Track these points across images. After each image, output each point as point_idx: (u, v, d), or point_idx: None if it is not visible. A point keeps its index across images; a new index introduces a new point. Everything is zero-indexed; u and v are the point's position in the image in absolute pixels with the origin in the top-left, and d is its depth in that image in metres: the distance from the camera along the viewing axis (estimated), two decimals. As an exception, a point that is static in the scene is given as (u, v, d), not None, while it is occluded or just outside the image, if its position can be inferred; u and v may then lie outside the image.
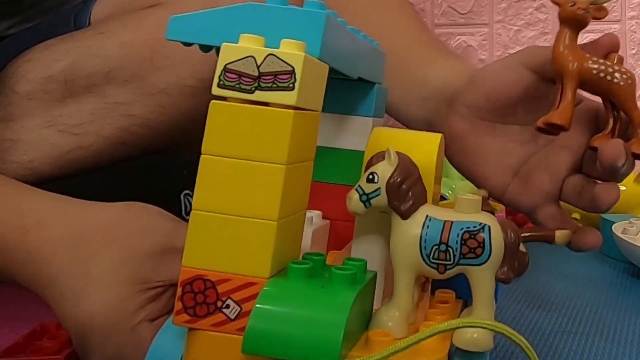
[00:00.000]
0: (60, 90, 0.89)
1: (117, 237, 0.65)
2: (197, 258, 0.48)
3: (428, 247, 0.50)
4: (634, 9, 1.52)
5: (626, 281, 1.04)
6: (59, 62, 0.89)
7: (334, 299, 0.46)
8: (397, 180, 0.51)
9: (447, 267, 0.51)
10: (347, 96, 0.68)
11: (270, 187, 0.47)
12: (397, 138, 0.62)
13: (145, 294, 0.63)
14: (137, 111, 0.90)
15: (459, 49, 1.67)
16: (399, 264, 0.51)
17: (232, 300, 0.47)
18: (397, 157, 0.52)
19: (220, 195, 0.47)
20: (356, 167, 0.55)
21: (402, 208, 0.51)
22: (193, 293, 0.47)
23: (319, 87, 0.52)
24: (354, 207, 0.52)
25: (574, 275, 1.06)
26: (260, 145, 0.47)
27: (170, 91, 0.90)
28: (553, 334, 0.79)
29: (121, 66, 0.89)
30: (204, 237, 0.47)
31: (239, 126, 0.47)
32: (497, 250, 0.50)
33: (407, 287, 0.51)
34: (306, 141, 0.51)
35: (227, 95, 0.47)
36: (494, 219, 0.52)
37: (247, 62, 0.47)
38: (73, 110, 0.89)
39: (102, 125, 0.89)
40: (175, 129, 0.92)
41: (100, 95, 0.89)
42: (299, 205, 0.51)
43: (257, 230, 0.47)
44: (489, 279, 0.50)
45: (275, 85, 0.46)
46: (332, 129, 0.68)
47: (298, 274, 0.48)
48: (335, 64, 0.54)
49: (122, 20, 0.93)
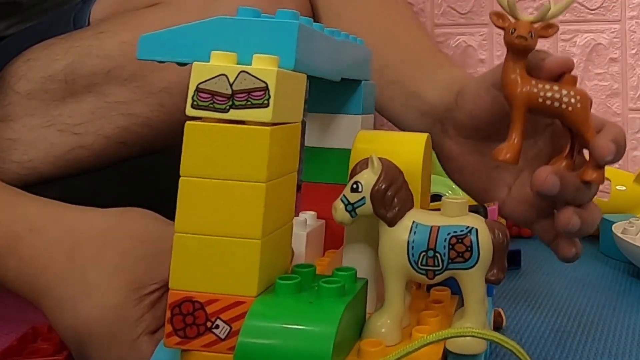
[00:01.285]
0: (61, 90, 0.89)
1: (112, 242, 0.65)
2: (184, 280, 0.48)
3: (416, 253, 0.51)
4: (634, 9, 1.52)
5: (626, 281, 1.03)
6: (59, 61, 0.90)
7: (323, 313, 0.47)
8: (382, 187, 0.52)
9: (436, 273, 0.51)
10: (334, 95, 0.69)
11: (251, 205, 0.47)
12: (382, 140, 0.63)
13: (143, 302, 0.63)
14: (137, 110, 0.90)
15: (459, 49, 1.67)
16: (389, 271, 0.52)
17: (221, 320, 0.47)
18: (380, 164, 0.53)
19: (202, 217, 0.48)
20: (347, 166, 0.56)
21: (389, 216, 0.52)
22: (182, 315, 0.48)
23: (297, 98, 0.52)
24: (340, 217, 0.53)
25: (574, 275, 1.05)
26: (238, 165, 0.47)
27: (171, 90, 0.90)
28: (552, 334, 0.79)
29: (121, 65, 0.90)
30: (189, 259, 0.48)
31: (215, 146, 0.48)
32: (486, 253, 0.51)
33: (397, 293, 0.52)
34: (287, 154, 0.51)
35: (201, 115, 0.48)
36: (482, 220, 0.52)
37: (220, 80, 0.47)
38: (73, 109, 0.89)
39: (103, 124, 0.90)
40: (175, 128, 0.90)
41: (100, 95, 0.90)
42: (284, 218, 0.52)
43: (242, 249, 0.47)
44: (478, 281, 0.51)
45: (249, 102, 0.47)
46: (321, 128, 0.69)
47: (286, 290, 0.48)
48: (314, 71, 0.55)
49: (122, 19, 0.94)
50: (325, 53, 0.59)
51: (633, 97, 1.53)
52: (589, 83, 1.55)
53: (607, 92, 1.55)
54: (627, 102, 1.54)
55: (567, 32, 1.56)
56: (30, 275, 0.66)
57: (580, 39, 1.56)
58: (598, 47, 1.54)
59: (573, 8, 1.56)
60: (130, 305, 0.62)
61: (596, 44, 1.54)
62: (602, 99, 1.55)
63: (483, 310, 0.52)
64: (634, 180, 1.31)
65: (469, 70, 1.65)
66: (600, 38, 1.54)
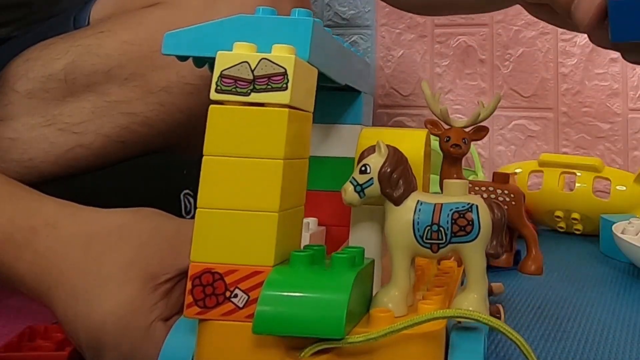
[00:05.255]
0: (61, 89, 0.93)
1: (127, 236, 0.69)
2: (204, 253, 0.54)
3: (421, 228, 0.57)
4: None
5: (626, 281, 1.06)
6: (59, 60, 0.94)
7: (337, 280, 0.53)
8: (388, 170, 0.58)
9: (440, 246, 0.57)
10: (334, 106, 0.75)
11: (270, 181, 0.54)
12: (385, 136, 0.68)
13: (157, 291, 0.67)
14: (137, 109, 0.94)
15: (459, 49, 1.73)
16: (395, 247, 0.58)
17: (239, 290, 0.54)
18: (386, 149, 0.59)
19: (223, 192, 0.54)
20: (348, 174, 0.60)
21: (395, 195, 0.58)
22: (202, 286, 0.54)
23: (310, 90, 0.59)
24: (350, 197, 0.59)
25: (574, 275, 1.09)
26: (258, 143, 0.54)
27: (170, 89, 0.94)
28: (553, 333, 0.82)
29: (121, 65, 0.93)
30: (210, 233, 0.54)
31: (237, 127, 0.54)
32: (486, 227, 0.57)
33: (404, 268, 0.58)
34: (301, 139, 0.58)
35: (224, 99, 0.54)
36: (481, 199, 0.59)
37: (242, 67, 0.54)
38: (73, 108, 0.93)
39: (103, 123, 0.93)
40: (175, 127, 0.96)
41: (100, 94, 0.93)
42: (297, 200, 0.58)
43: (260, 222, 0.54)
44: (480, 254, 0.57)
45: (269, 86, 0.54)
46: (321, 139, 0.75)
47: (301, 261, 0.55)
48: (324, 68, 0.61)
49: (122, 19, 0.98)
50: (334, 54, 0.66)
51: (633, 97, 1.57)
52: (589, 83, 1.60)
53: (608, 92, 1.59)
54: (627, 102, 1.58)
55: (567, 32, 1.60)
56: (44, 267, 0.70)
57: (580, 38, 1.61)
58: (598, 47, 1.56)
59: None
60: (145, 294, 0.67)
61: (596, 43, 1.58)
62: (602, 99, 1.59)
63: (484, 283, 0.58)
64: (634, 180, 1.37)
65: (469, 70, 1.70)
66: (600, 38, 1.58)
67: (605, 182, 1.43)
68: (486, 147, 1.69)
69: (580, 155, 1.61)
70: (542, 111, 1.65)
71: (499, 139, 1.68)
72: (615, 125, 1.59)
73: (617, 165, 1.59)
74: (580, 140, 1.62)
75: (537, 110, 1.65)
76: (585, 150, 1.62)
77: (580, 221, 1.39)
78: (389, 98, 1.79)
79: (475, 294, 0.58)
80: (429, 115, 1.57)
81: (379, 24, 1.81)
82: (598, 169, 1.40)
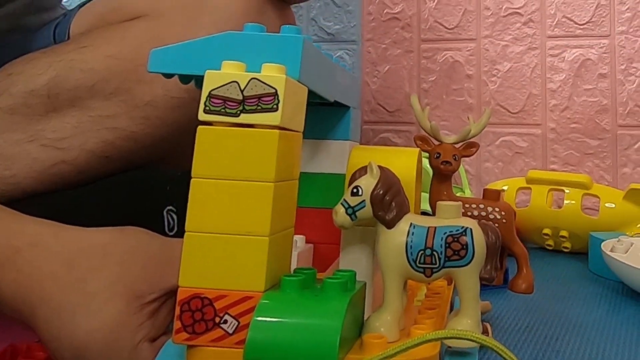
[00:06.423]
0: (44, 105, 0.93)
1: (112, 254, 0.69)
2: (193, 277, 0.54)
3: (414, 252, 0.57)
4: (623, 24, 1.58)
5: (615, 300, 1.06)
6: (41, 76, 0.93)
7: (329, 306, 0.53)
8: (380, 192, 0.58)
9: (434, 270, 0.58)
10: (322, 122, 0.75)
11: (260, 204, 0.54)
12: (377, 155, 0.68)
13: (142, 311, 0.67)
14: (122, 124, 0.94)
15: (446, 65, 1.72)
16: (388, 271, 0.58)
17: (229, 316, 0.53)
18: (379, 170, 0.59)
19: (212, 216, 0.54)
20: (336, 190, 0.62)
21: (387, 218, 0.58)
22: (191, 311, 0.54)
23: (300, 109, 0.59)
24: (341, 220, 0.59)
25: (562, 293, 1.09)
26: (248, 165, 0.54)
27: (156, 103, 0.94)
28: (542, 352, 0.82)
29: (106, 79, 0.93)
30: (198, 257, 0.54)
31: (226, 148, 0.54)
32: (480, 251, 0.57)
33: (397, 292, 0.58)
34: (291, 160, 0.58)
35: (213, 120, 0.54)
36: (475, 222, 0.59)
37: (231, 87, 0.54)
38: (57, 124, 0.93)
39: (87, 139, 0.93)
40: (160, 141, 0.96)
41: (84, 109, 0.93)
42: (287, 222, 0.58)
43: (250, 246, 0.54)
44: (474, 278, 0.57)
45: (259, 107, 0.54)
46: (310, 154, 0.75)
47: (292, 285, 0.55)
48: (314, 86, 0.61)
49: (105, 33, 0.98)
50: (323, 71, 0.66)
51: (622, 114, 1.58)
52: (578, 99, 1.61)
53: (597, 108, 1.59)
54: (616, 119, 1.58)
55: (556, 48, 1.62)
56: (28, 286, 0.69)
57: (568, 54, 1.61)
58: (587, 62, 1.59)
59: (562, 23, 1.61)
60: (130, 312, 0.66)
61: (585, 59, 1.59)
62: (591, 115, 1.60)
63: (478, 308, 0.58)
64: (623, 197, 1.37)
65: (456, 86, 1.71)
66: (589, 53, 1.59)
67: (594, 199, 1.43)
68: (473, 163, 1.69)
69: (568, 172, 1.61)
70: (530, 127, 1.65)
71: (487, 155, 1.69)
72: (604, 141, 1.59)
73: (606, 182, 1.59)
74: (568, 156, 1.62)
75: (525, 127, 1.66)
76: (574, 167, 1.62)
77: (569, 239, 1.39)
78: (375, 114, 1.79)
79: (469, 319, 0.58)
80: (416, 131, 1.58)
81: (364, 39, 1.81)
82: (587, 186, 1.40)
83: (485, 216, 0.84)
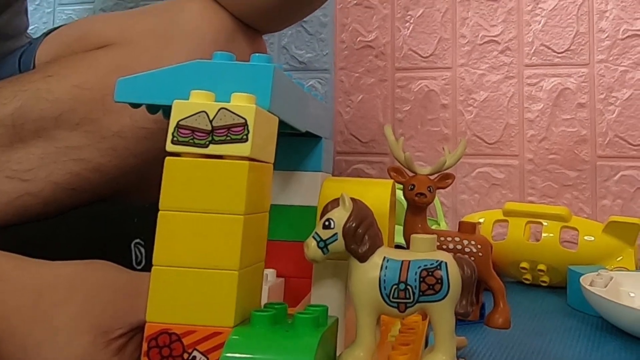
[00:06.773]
0: (8, 135, 0.91)
1: (78, 288, 0.69)
2: (161, 312, 0.53)
3: (388, 287, 0.56)
4: (603, 52, 1.58)
5: (595, 335, 1.06)
6: (6, 105, 0.92)
7: (300, 342, 0.52)
8: (353, 224, 0.58)
9: (408, 305, 0.57)
10: (294, 152, 0.74)
11: (230, 237, 0.53)
12: (349, 187, 0.68)
13: (110, 346, 0.66)
14: (89, 155, 0.93)
15: (421, 94, 1.72)
16: (360, 305, 0.57)
17: (198, 352, 0.52)
18: (351, 203, 0.58)
19: (181, 249, 0.53)
20: (308, 223, 0.61)
21: (360, 251, 0.58)
22: (159, 347, 0.53)
23: (271, 140, 0.58)
24: (312, 254, 0.58)
25: (541, 328, 1.08)
26: (217, 197, 0.53)
27: (123, 134, 0.93)
28: None
29: (72, 109, 0.92)
30: (166, 291, 0.53)
31: (195, 180, 0.53)
32: (455, 285, 0.56)
33: (369, 327, 0.57)
34: (261, 192, 0.57)
35: (181, 150, 0.53)
36: (450, 256, 0.58)
37: (200, 117, 0.53)
38: (22, 155, 0.91)
39: (52, 170, 0.92)
40: (128, 173, 0.95)
41: (50, 140, 0.92)
42: (258, 256, 0.57)
43: (219, 280, 0.53)
44: (449, 313, 0.57)
45: (229, 138, 0.53)
46: (281, 186, 0.74)
47: (262, 321, 0.54)
48: (285, 116, 0.61)
49: (71, 62, 0.96)
50: (294, 101, 0.65)
51: (602, 144, 1.58)
52: (556, 129, 1.60)
53: (575, 138, 1.59)
54: (595, 149, 1.58)
55: (533, 77, 1.62)
56: None
57: (547, 83, 1.62)
58: (565, 91, 1.59)
59: (539, 51, 1.61)
60: (97, 348, 0.66)
61: (563, 88, 1.59)
62: (570, 146, 1.59)
63: (453, 344, 0.57)
64: (602, 230, 1.36)
65: (431, 116, 1.71)
66: (567, 82, 1.59)
67: (572, 232, 1.43)
68: (449, 195, 1.69)
69: (546, 204, 1.60)
70: (507, 158, 1.65)
71: (462, 187, 1.68)
72: (583, 173, 1.59)
73: (585, 214, 1.59)
74: (546, 188, 1.62)
75: (502, 158, 1.66)
76: (552, 199, 1.62)
77: (547, 272, 1.39)
78: (348, 144, 1.78)
79: (443, 355, 0.57)
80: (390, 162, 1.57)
81: (337, 68, 1.81)
82: (565, 218, 1.40)
83: (461, 249, 0.83)
